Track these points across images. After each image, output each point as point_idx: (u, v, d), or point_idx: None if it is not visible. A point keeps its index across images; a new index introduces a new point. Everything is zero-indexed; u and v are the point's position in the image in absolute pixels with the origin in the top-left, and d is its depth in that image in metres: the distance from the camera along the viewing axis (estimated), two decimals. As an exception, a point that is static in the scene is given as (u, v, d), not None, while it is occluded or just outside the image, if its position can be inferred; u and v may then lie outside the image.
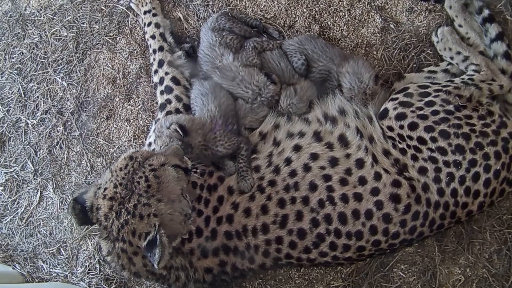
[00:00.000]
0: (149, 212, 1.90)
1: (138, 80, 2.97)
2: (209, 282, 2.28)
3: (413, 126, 2.27)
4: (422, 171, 2.23)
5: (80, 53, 3.09)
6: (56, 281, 2.83)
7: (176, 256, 2.17)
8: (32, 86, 3.12)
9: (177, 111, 2.59)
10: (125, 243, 1.93)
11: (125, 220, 1.90)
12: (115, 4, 3.09)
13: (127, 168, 1.98)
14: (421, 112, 2.28)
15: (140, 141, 2.89)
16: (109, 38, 3.05)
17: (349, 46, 2.82)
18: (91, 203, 1.99)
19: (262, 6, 2.92)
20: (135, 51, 3.00)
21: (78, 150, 2.97)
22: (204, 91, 2.53)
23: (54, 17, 3.18)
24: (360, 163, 2.27)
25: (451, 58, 2.60)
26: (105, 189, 1.97)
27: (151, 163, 1.99)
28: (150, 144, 2.56)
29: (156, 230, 1.84)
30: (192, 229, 2.23)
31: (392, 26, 2.81)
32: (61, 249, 2.87)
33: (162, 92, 2.68)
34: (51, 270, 2.86)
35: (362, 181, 2.23)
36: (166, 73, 2.70)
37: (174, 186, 2.00)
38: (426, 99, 2.32)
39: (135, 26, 3.04)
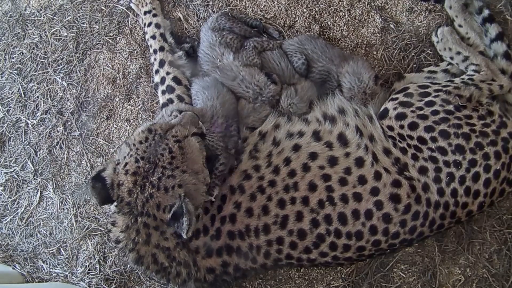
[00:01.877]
0: (174, 183, 1.91)
1: (138, 80, 2.97)
2: (210, 282, 2.28)
3: (413, 126, 2.27)
4: (423, 170, 2.23)
5: (80, 53, 3.09)
6: (56, 281, 2.83)
7: (181, 250, 2.16)
8: (32, 86, 3.12)
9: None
10: (149, 217, 1.94)
11: (149, 193, 1.91)
12: (115, 4, 3.09)
13: (148, 141, 1.96)
14: (421, 112, 2.28)
15: (140, 141, 2.89)
16: (109, 38, 3.06)
17: (349, 46, 2.82)
18: (112, 180, 1.98)
19: (262, 6, 2.92)
20: (135, 51, 3.00)
21: (78, 150, 2.97)
22: (206, 84, 2.54)
23: (54, 17, 3.18)
24: (360, 162, 2.27)
25: (451, 58, 2.61)
26: (126, 164, 1.95)
27: (175, 134, 1.98)
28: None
29: (181, 200, 1.85)
30: (199, 227, 2.23)
31: (392, 26, 2.81)
32: (61, 249, 2.87)
33: (163, 92, 2.69)
34: (51, 270, 2.85)
35: (362, 180, 2.23)
36: (168, 73, 2.71)
37: (197, 156, 2.00)
38: (426, 99, 2.32)
39: (135, 26, 3.04)
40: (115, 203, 2.04)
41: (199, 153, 2.02)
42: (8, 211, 3.00)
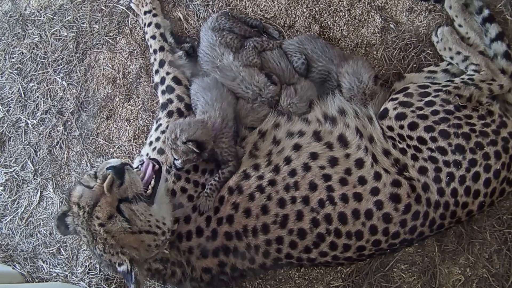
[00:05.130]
0: (117, 251, 1.95)
1: (138, 80, 2.97)
2: (207, 281, 2.28)
3: (413, 126, 2.27)
4: (422, 171, 2.23)
5: (80, 53, 3.09)
6: (56, 281, 2.83)
7: (171, 249, 2.17)
8: (32, 86, 3.12)
9: (179, 110, 2.60)
10: (106, 262, 2.00)
11: (100, 254, 1.97)
12: (115, 4, 3.09)
13: (80, 218, 1.97)
14: (421, 112, 2.28)
15: (140, 141, 2.89)
16: (109, 38, 3.06)
17: (349, 46, 2.82)
18: (74, 228, 2.08)
19: (262, 6, 2.92)
20: (135, 51, 3.00)
21: (78, 150, 2.97)
22: (206, 85, 2.53)
23: (54, 17, 3.18)
24: (360, 163, 2.27)
25: (451, 58, 2.61)
26: (77, 224, 2.02)
27: (98, 215, 1.94)
28: (151, 143, 2.56)
29: (128, 265, 1.93)
30: (191, 229, 2.24)
31: (392, 26, 2.81)
32: (61, 249, 2.87)
33: (163, 92, 2.69)
34: (51, 270, 2.85)
35: (362, 181, 2.23)
36: (168, 73, 2.71)
37: (127, 237, 1.97)
38: (426, 99, 2.32)
39: (135, 26, 3.05)
40: None
41: (128, 233, 1.96)
42: (8, 211, 3.00)
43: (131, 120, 2.93)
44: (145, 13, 2.93)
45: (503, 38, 2.58)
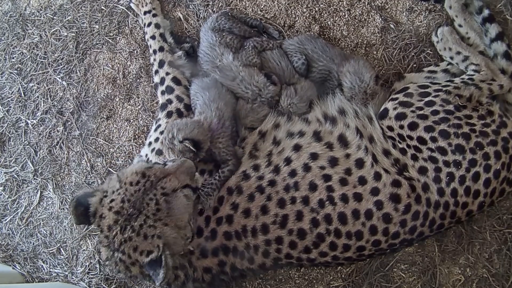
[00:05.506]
0: (154, 233, 1.91)
1: (138, 80, 2.97)
2: (208, 281, 2.28)
3: (413, 126, 2.27)
4: (422, 171, 2.23)
5: (80, 53, 3.09)
6: (56, 281, 2.83)
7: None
8: (32, 86, 3.12)
9: (178, 111, 2.60)
10: (124, 255, 1.94)
11: (129, 236, 1.91)
12: (115, 4, 3.09)
13: (138, 185, 1.95)
14: (421, 112, 2.28)
15: (140, 141, 2.89)
16: (109, 38, 3.06)
17: (349, 46, 2.82)
18: (96, 209, 1.99)
19: (262, 6, 2.92)
20: (135, 51, 3.00)
21: (78, 150, 2.97)
22: (206, 85, 2.53)
23: (54, 17, 3.18)
24: (360, 163, 2.27)
25: (451, 58, 2.61)
26: (112, 200, 1.96)
27: (164, 186, 1.96)
28: (150, 143, 2.56)
29: (160, 251, 1.87)
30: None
31: (392, 26, 2.81)
32: (61, 249, 2.87)
33: (163, 92, 2.68)
34: (51, 270, 2.85)
35: (362, 181, 2.23)
36: (167, 73, 2.71)
37: (182, 212, 1.99)
38: (426, 99, 2.32)
39: (135, 26, 3.05)
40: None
41: (186, 208, 2.01)
42: (8, 211, 3.00)
43: (131, 120, 2.93)
44: (145, 13, 2.93)
45: (503, 38, 2.58)
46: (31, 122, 3.07)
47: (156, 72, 2.77)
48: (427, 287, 2.50)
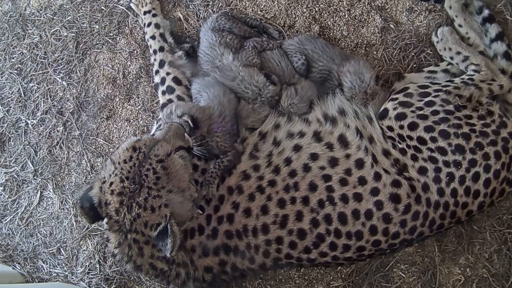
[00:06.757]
0: (160, 203, 1.91)
1: (138, 80, 2.97)
2: (209, 281, 2.28)
3: (413, 126, 2.27)
4: (422, 171, 2.23)
5: (80, 53, 3.09)
6: (56, 281, 2.83)
7: (179, 251, 2.16)
8: (32, 86, 3.12)
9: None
10: (138, 234, 1.95)
11: (137, 213, 1.91)
12: (115, 4, 3.09)
13: (132, 160, 1.95)
14: (421, 112, 2.28)
15: (140, 141, 2.89)
16: (109, 38, 3.06)
17: (349, 46, 2.82)
18: (99, 199, 1.98)
19: (262, 6, 2.92)
20: (135, 51, 3.00)
21: (78, 150, 2.97)
22: (209, 83, 2.53)
23: (54, 17, 3.18)
24: (360, 164, 2.27)
25: (451, 58, 2.61)
26: (111, 183, 1.95)
27: (157, 153, 1.95)
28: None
29: (166, 220, 1.87)
30: (194, 226, 2.24)
31: (392, 26, 2.81)
32: (61, 249, 2.87)
33: (163, 92, 2.69)
34: (51, 270, 2.86)
35: (362, 181, 2.23)
36: (168, 74, 2.71)
37: (182, 174, 2.00)
38: (426, 99, 2.32)
39: (135, 26, 3.05)
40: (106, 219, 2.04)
41: (184, 169, 2.01)
42: (8, 211, 3.00)
43: (131, 120, 2.93)
44: (145, 13, 2.93)
45: (503, 38, 2.58)
46: (31, 122, 3.07)
47: (157, 72, 2.77)
48: (427, 287, 2.50)
